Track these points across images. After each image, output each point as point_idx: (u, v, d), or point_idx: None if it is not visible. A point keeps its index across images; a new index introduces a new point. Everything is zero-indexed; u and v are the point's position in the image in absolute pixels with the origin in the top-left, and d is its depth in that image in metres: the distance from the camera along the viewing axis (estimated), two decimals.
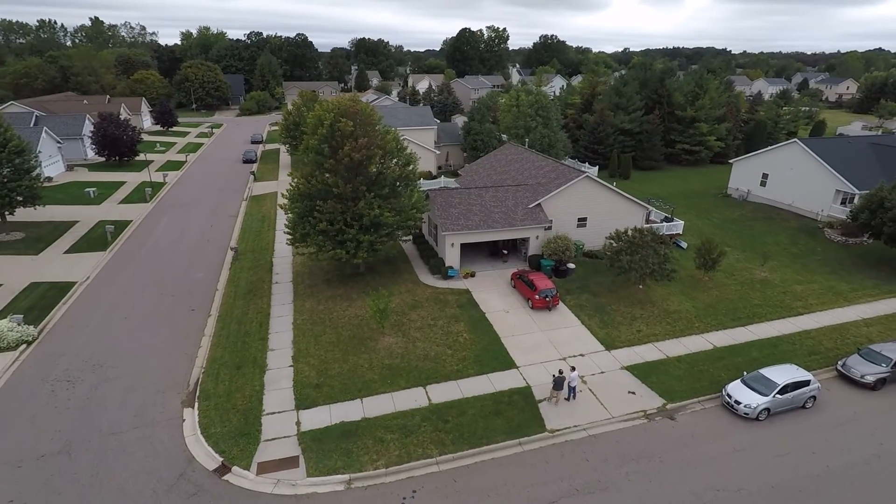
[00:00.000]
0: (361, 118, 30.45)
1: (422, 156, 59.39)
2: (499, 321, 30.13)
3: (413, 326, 29.58)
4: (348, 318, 30.50)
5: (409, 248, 40.60)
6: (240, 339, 28.71)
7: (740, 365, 26.72)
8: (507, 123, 61.80)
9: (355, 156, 29.14)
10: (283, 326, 29.96)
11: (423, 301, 32.27)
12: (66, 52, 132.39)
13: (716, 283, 35.56)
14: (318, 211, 30.44)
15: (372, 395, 24.17)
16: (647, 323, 30.54)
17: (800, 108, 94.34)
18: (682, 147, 76.57)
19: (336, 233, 31.18)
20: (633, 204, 39.38)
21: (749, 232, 47.17)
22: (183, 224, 48.23)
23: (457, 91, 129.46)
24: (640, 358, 27.23)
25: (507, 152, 48.37)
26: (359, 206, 30.28)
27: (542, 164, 41.90)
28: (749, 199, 56.77)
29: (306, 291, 34.09)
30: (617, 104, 76.53)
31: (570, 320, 30.60)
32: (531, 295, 31.20)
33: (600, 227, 39.16)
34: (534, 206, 36.77)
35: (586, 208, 38.30)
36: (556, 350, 27.69)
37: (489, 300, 32.45)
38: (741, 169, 58.18)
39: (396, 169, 31.88)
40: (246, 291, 34.35)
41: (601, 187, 38.07)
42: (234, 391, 24.45)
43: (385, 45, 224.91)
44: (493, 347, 27.77)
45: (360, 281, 35.00)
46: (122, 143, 67.74)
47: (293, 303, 32.68)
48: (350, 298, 32.81)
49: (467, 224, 34.80)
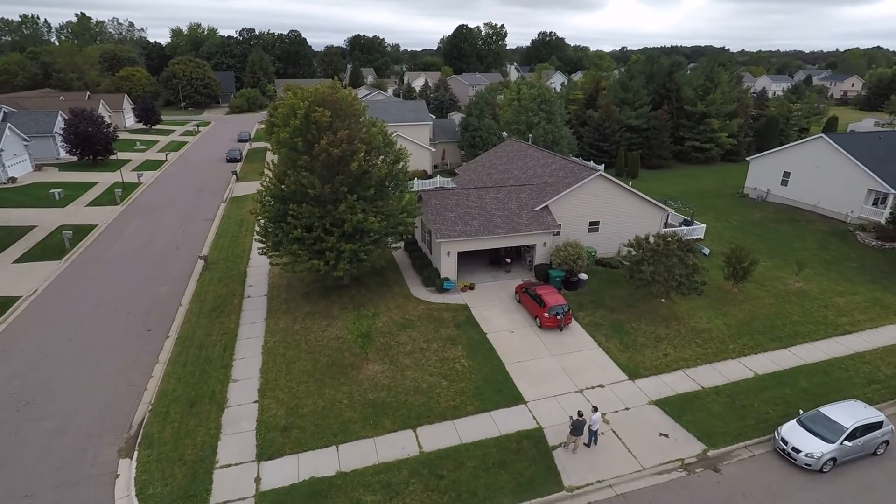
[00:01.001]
0: (342, 108, 26.18)
1: (416, 153, 55.23)
2: (502, 344, 25.91)
3: (402, 351, 25.33)
4: (327, 341, 26.24)
5: (400, 256, 36.35)
6: (198, 368, 24.42)
7: (790, 398, 22.55)
8: (508, 119, 57.59)
9: (334, 151, 24.88)
10: (250, 351, 25.69)
11: (415, 319, 28.01)
12: (47, 48, 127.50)
13: (747, 296, 31.41)
14: (293, 216, 26.18)
15: (351, 439, 19.92)
16: (674, 345, 26.35)
17: (812, 104, 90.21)
18: (691, 144, 72.48)
19: (313, 241, 26.92)
20: (651, 206, 35.20)
21: (773, 236, 43.08)
22: (153, 229, 43.88)
23: (454, 88, 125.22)
24: (671, 389, 23.02)
25: (508, 149, 44.15)
26: (339, 210, 26.02)
27: (548, 162, 37.69)
28: (768, 200, 52.70)
29: (281, 307, 29.82)
30: (623, 99, 72.42)
31: (586, 342, 26.39)
32: (539, 312, 26.99)
33: (614, 232, 35.00)
34: (540, 209, 32.55)
35: (599, 211, 34.11)
36: (570, 380, 23.47)
37: (491, 318, 28.22)
38: (759, 167, 54.07)
39: (384, 167, 27.61)
40: (213, 307, 30.05)
41: (616, 187, 33.88)
42: (184, 436, 20.16)
43: (381, 43, 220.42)
44: (497, 377, 23.54)
45: (344, 295, 30.74)
46: (95, 141, 63.27)
47: (265, 321, 28.40)
48: (331, 316, 28.54)
49: (465, 230, 30.58)
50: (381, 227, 27.30)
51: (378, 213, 27.58)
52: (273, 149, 26.91)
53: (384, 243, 29.96)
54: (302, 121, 25.27)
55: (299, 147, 25.61)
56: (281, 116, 25.89)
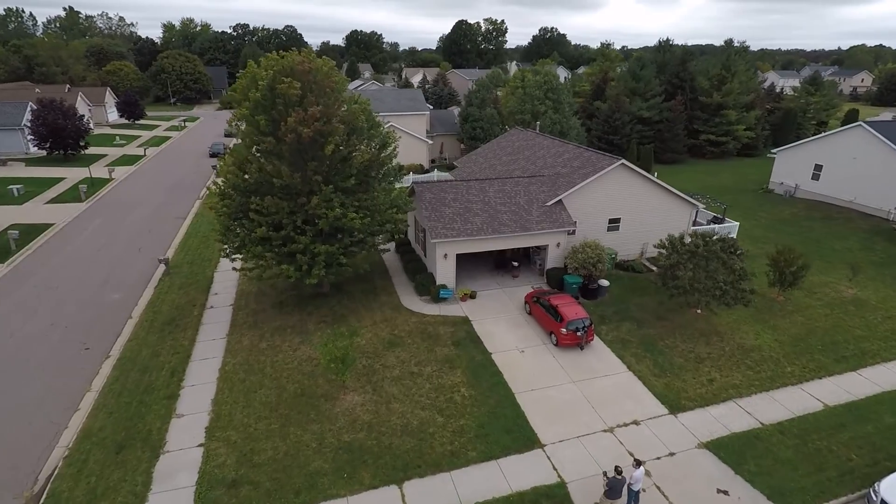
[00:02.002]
0: (316, 81, 21.53)
1: (411, 146, 50.72)
2: (511, 367, 21.27)
3: (389, 376, 20.69)
4: (298, 363, 21.60)
5: (390, 258, 31.71)
6: (137, 398, 19.79)
7: (875, 439, 17.94)
8: (512, 108, 52.96)
9: (304, 131, 20.22)
10: (204, 375, 21.05)
11: (405, 336, 23.37)
12: (30, 42, 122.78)
13: (796, 305, 26.79)
14: (255, 211, 21.56)
15: (318, 500, 15.30)
16: (718, 367, 21.72)
17: (832, 97, 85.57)
18: (706, 138, 67.90)
19: (282, 241, 22.29)
20: (679, 200, 30.59)
21: (809, 235, 38.47)
22: (116, 228, 39.22)
23: (453, 83, 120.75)
24: (723, 427, 18.39)
25: (513, 138, 39.53)
26: (312, 204, 21.38)
27: (560, 151, 33.07)
28: (797, 196, 48.12)
29: (248, 320, 25.18)
30: (633, 90, 67.84)
31: (613, 364, 21.75)
32: (556, 327, 22.36)
33: (637, 231, 30.43)
34: (553, 204, 27.93)
35: (620, 206, 29.49)
36: (597, 414, 18.83)
37: (496, 333, 23.59)
38: (787, 160, 49.45)
39: (367, 152, 22.94)
40: (167, 320, 25.41)
41: (641, 179, 29.27)
42: (101, 495, 15.54)
43: (378, 38, 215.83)
44: (505, 411, 18.90)
45: (322, 305, 26.11)
46: (66, 135, 58.60)
47: (227, 338, 23.77)
48: (305, 331, 23.91)
49: (465, 228, 25.96)
50: (364, 224, 22.66)
51: (361, 209, 22.96)
52: (232, 129, 22.28)
53: (369, 244, 25.31)
54: (265, 93, 20.62)
55: (262, 126, 20.95)
56: (240, 89, 21.23)
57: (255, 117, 20.83)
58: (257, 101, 20.57)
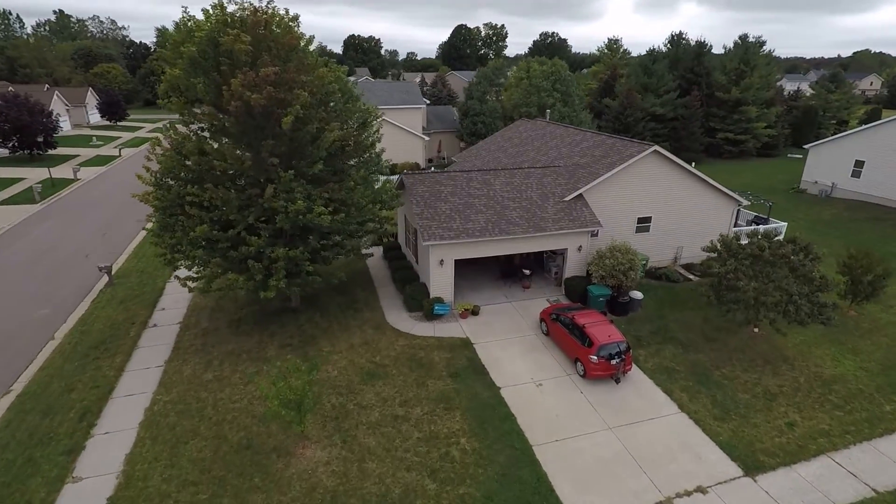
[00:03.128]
0: (273, 38, 16.66)
1: (405, 143, 45.97)
2: (527, 406, 16.24)
3: (365, 421, 15.66)
4: (248, 401, 16.58)
5: (376, 264, 26.75)
6: (25, 453, 14.75)
7: None
8: (516, 101, 48.22)
9: (253, 97, 15.33)
10: (124, 419, 16.03)
11: (389, 364, 18.34)
12: (14, 43, 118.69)
13: (873, 322, 21.79)
14: (193, 204, 16.65)
15: None
16: (797, 405, 16.69)
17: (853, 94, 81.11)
18: (724, 136, 63.21)
19: (232, 244, 17.34)
20: (720, 196, 25.72)
21: (858, 238, 33.43)
22: (65, 232, 34.31)
23: (452, 84, 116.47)
24: (823, 497, 13.32)
25: (521, 129, 34.72)
26: (266, 196, 16.44)
27: (577, 139, 28.22)
28: (834, 195, 43.28)
29: (196, 343, 20.19)
30: (645, 85, 63.24)
31: (658, 402, 16.71)
32: (583, 353, 17.35)
33: (670, 232, 25.53)
34: (573, 199, 23.03)
35: (651, 202, 24.61)
36: (647, 478, 13.77)
37: (505, 360, 18.57)
38: (821, 157, 44.66)
39: (339, 129, 17.97)
40: (96, 343, 20.42)
41: (678, 169, 24.42)
42: None
43: (377, 43, 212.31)
44: (521, 472, 13.84)
45: (289, 323, 21.13)
46: (31, 132, 53.88)
47: (165, 366, 18.76)
48: (263, 358, 18.92)
49: (466, 228, 21.01)
50: (335, 222, 17.68)
51: (332, 202, 18.01)
52: (162, 102, 17.39)
53: (348, 249, 20.31)
54: (203, 49, 15.75)
55: (200, 92, 16.07)
56: (172, 45, 16.33)
57: (190, 80, 15.95)
58: (193, 59, 15.70)
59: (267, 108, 16.07)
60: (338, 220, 17.58)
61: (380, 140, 21.72)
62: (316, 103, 17.38)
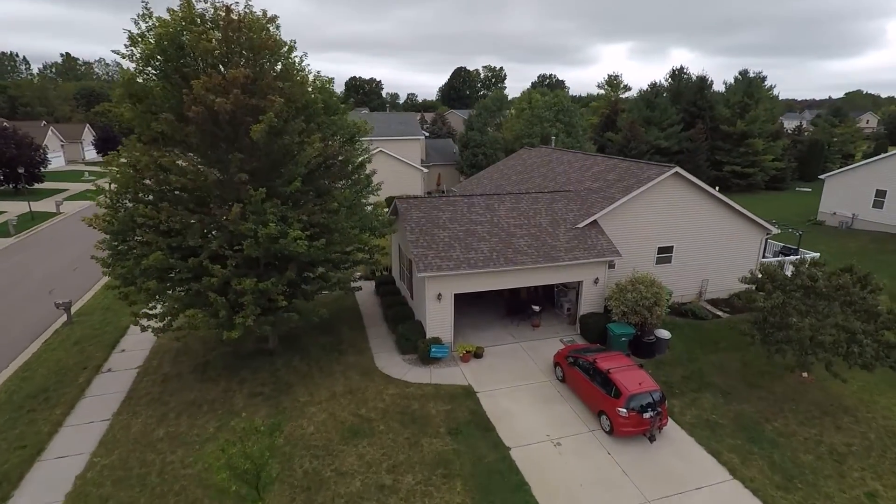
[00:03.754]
0: (244, 37, 14.59)
1: (403, 175, 44.11)
2: (543, 473, 13.23)
3: (344, 492, 12.62)
4: (203, 466, 13.56)
5: (367, 300, 24.05)
6: None
7: None
8: (518, 131, 46.64)
9: (218, 102, 13.08)
10: (48, 489, 13.02)
11: (377, 418, 15.39)
12: (17, 82, 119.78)
13: None
14: (143, 224, 14.17)
15: None
16: (872, 468, 13.68)
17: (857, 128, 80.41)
18: (731, 169, 61.58)
19: (192, 275, 14.75)
20: (747, 223, 23.30)
21: (890, 271, 30.92)
22: (35, 266, 31.80)
23: (452, 122, 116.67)
24: None
25: (524, 157, 32.72)
26: (231, 216, 13.95)
27: (587, 164, 26.08)
28: (854, 227, 41.02)
29: (152, 391, 17.29)
30: (648, 118, 62.24)
31: (704, 465, 13.68)
32: (608, 405, 14.45)
33: (694, 264, 22.97)
34: (586, 226, 20.57)
35: (674, 230, 22.17)
36: None
37: (516, 413, 15.63)
38: (838, 187, 42.67)
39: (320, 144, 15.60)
40: (36, 391, 17.51)
41: (701, 193, 22.14)
42: None
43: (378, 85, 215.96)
44: None
45: (263, 368, 18.27)
46: (16, 165, 52.14)
47: (112, 419, 15.83)
48: (229, 409, 15.99)
49: (467, 258, 18.45)
50: (315, 250, 15.11)
51: (312, 226, 15.51)
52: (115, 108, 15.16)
53: (333, 281, 17.63)
54: (165, 46, 13.60)
55: (156, 96, 13.85)
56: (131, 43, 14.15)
57: (148, 84, 13.76)
58: (151, 56, 13.54)
59: (235, 116, 13.80)
60: (317, 246, 15.00)
61: (370, 160, 19.48)
62: (295, 113, 15.13)
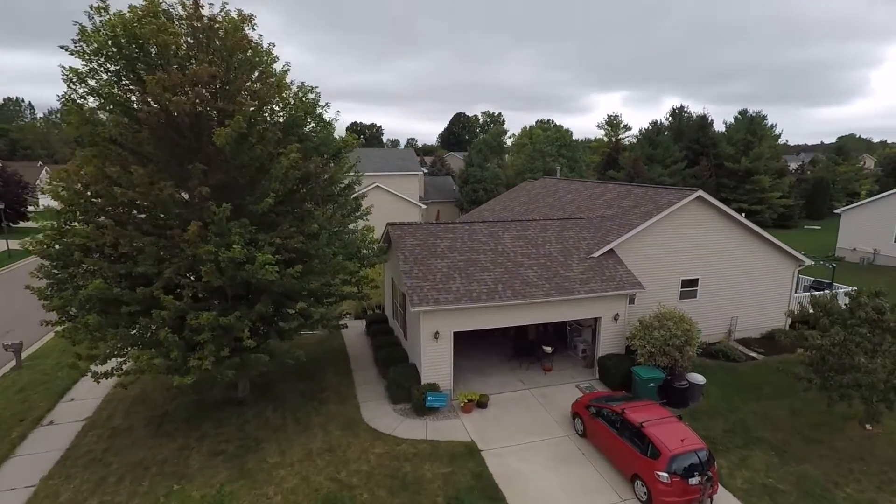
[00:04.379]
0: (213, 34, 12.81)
1: (401, 211, 42.33)
2: None
3: None
4: None
5: (356, 340, 21.45)
6: None
7: None
8: (520, 166, 45.20)
9: (175, 101, 11.11)
10: None
11: (360, 483, 12.59)
12: (19, 125, 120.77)
13: None
14: (83, 248, 11.93)
15: None
16: None
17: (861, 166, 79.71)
18: (738, 206, 59.73)
19: (140, 308, 12.36)
20: (778, 253, 21.06)
21: None
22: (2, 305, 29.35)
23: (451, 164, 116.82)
24: None
25: (527, 188, 30.89)
26: (189, 236, 11.69)
27: (597, 192, 24.12)
28: (877, 263, 38.86)
29: (95, 448, 14.53)
30: (651, 156, 61.14)
31: None
32: (644, 467, 11.71)
33: (722, 299, 20.55)
34: (603, 255, 18.30)
35: (698, 260, 19.88)
36: None
37: (527, 476, 12.84)
38: (856, 222, 40.80)
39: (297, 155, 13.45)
40: None
41: (728, 220, 20.02)
42: None
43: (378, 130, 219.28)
44: None
45: (229, 421, 15.54)
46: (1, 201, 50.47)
47: (39, 484, 13.03)
48: (182, 472, 13.20)
49: (468, 290, 16.06)
50: (289, 279, 12.76)
51: (287, 251, 13.23)
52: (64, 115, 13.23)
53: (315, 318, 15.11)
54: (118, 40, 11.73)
55: (106, 95, 11.90)
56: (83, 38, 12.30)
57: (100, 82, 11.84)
58: (103, 48, 11.64)
59: (199, 122, 11.80)
60: (292, 274, 12.66)
61: (359, 182, 17.47)
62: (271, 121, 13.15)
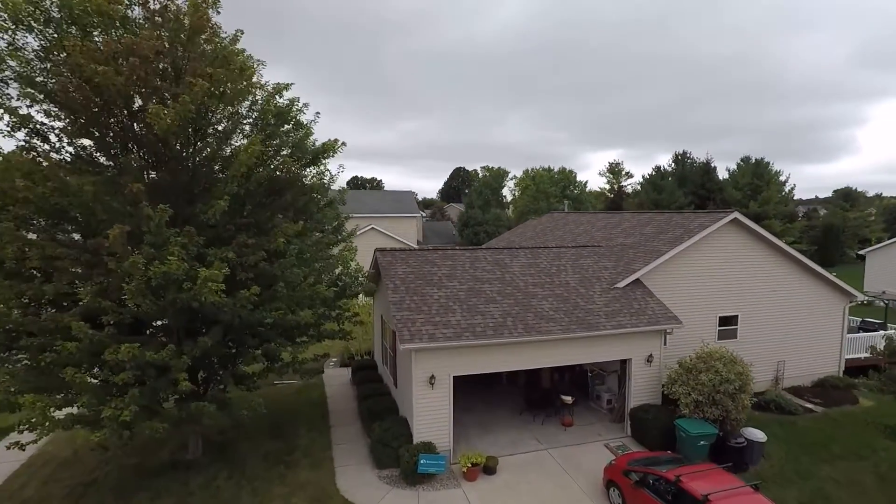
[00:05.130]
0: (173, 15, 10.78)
1: None
2: None
3: None
4: None
5: (339, 389, 18.30)
6: None
7: None
8: (523, 208, 43.20)
9: (103, 72, 8.84)
10: None
11: None
12: None
13: None
14: None
15: None
16: None
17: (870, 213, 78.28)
18: None
19: (46, 339, 9.55)
20: (827, 286, 18.38)
21: None
22: None
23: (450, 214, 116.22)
24: None
25: (534, 224, 28.55)
26: (111, 243, 9.06)
27: (613, 222, 21.74)
28: None
29: None
30: (655, 202, 59.57)
31: None
32: None
33: (765, 340, 17.62)
34: (629, 286, 15.57)
35: (737, 293, 17.12)
36: None
37: None
38: (882, 263, 38.39)
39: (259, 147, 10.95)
40: None
41: (768, 246, 17.48)
42: None
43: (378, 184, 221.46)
44: None
45: (171, 490, 12.28)
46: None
47: None
48: None
49: (471, 325, 13.22)
50: (243, 305, 10.04)
51: (243, 269, 10.57)
52: None
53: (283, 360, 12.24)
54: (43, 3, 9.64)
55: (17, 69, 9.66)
56: None
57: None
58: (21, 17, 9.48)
59: (134, 103, 9.48)
60: (246, 297, 9.93)
61: (344, 202, 15.05)
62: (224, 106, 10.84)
